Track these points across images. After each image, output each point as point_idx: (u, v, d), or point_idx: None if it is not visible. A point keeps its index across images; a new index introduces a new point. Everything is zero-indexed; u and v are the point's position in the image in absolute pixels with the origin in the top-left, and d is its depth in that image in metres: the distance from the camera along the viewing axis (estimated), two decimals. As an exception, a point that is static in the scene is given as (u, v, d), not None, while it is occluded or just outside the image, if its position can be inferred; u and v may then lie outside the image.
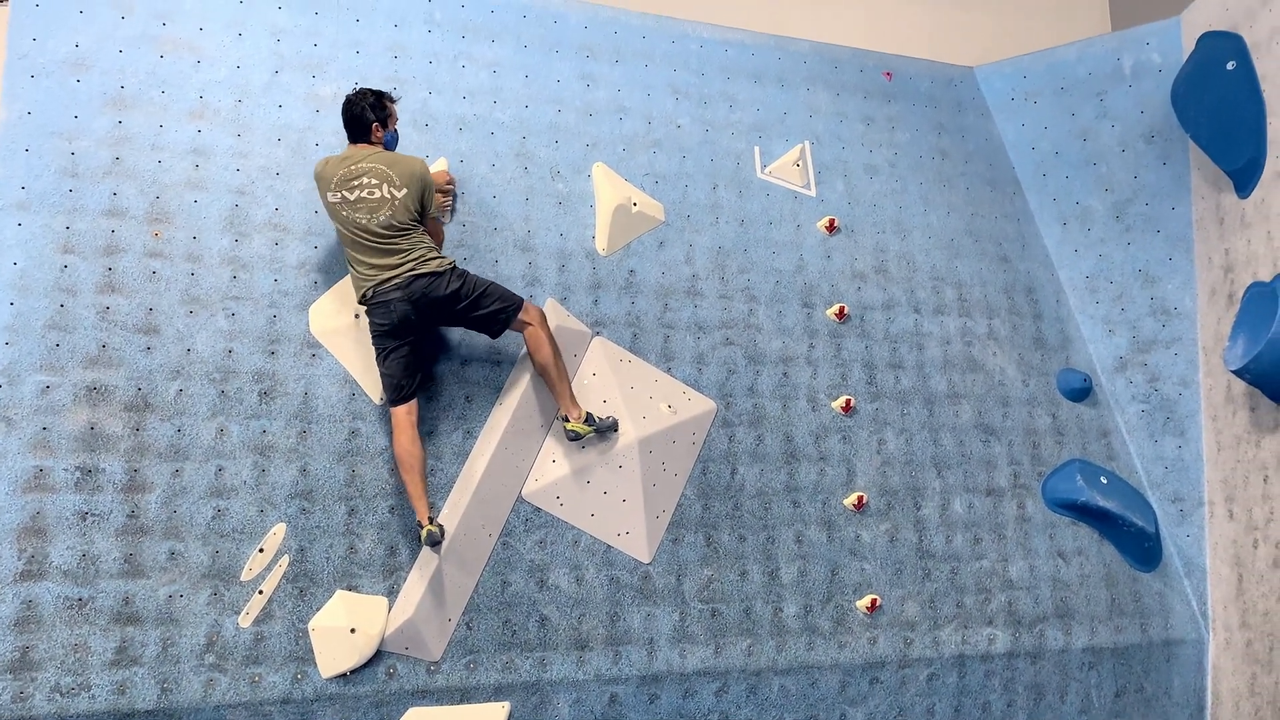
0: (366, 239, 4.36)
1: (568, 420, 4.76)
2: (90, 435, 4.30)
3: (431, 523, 4.38)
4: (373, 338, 4.48)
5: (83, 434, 4.29)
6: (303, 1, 5.26)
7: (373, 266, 4.38)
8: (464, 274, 4.52)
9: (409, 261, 4.38)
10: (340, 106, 4.60)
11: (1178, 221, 6.13)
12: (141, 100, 4.81)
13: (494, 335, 4.70)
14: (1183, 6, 6.23)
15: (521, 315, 4.61)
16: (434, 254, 4.46)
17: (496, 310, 4.55)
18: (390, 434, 4.55)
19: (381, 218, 4.34)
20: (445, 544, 4.53)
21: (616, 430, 4.94)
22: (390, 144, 4.59)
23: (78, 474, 4.24)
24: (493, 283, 4.62)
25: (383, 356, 4.47)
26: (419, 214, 4.47)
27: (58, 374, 4.32)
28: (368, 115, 4.47)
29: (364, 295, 4.43)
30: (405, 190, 4.39)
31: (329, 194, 4.40)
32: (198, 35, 5.00)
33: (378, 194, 4.34)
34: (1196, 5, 6.07)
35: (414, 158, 4.56)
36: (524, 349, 4.87)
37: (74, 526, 4.18)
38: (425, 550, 4.56)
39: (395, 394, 4.47)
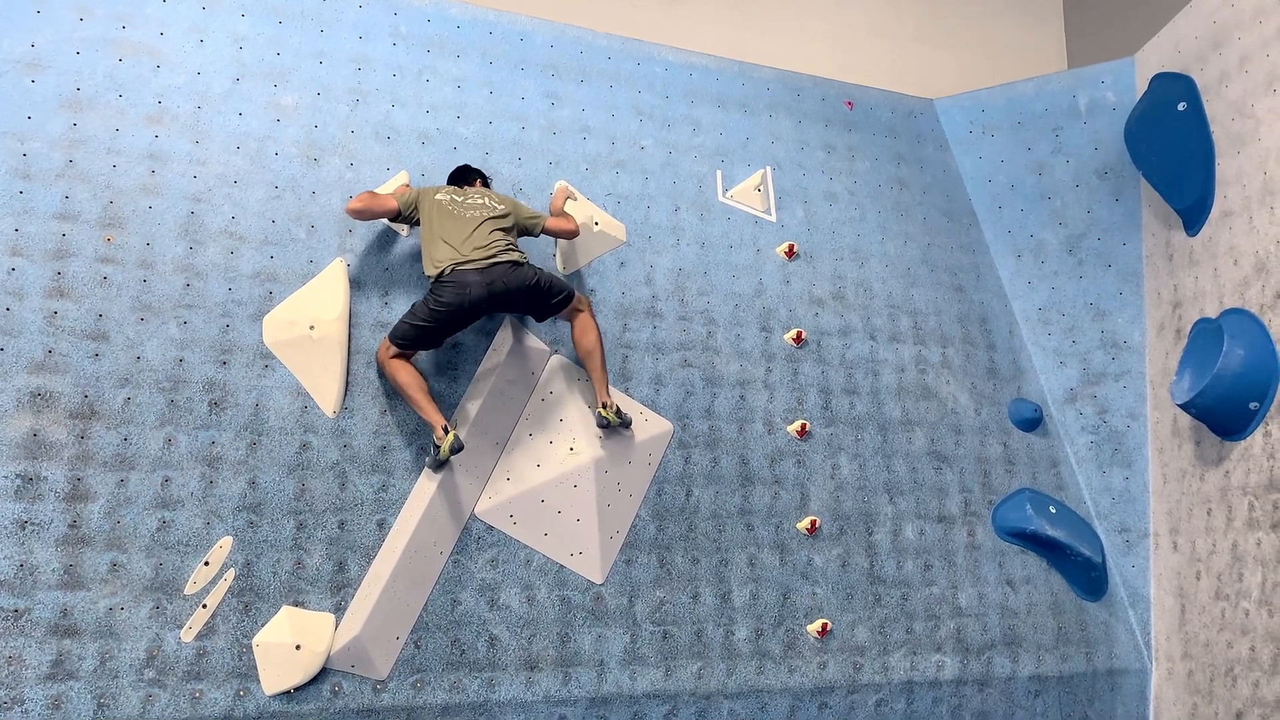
0: (465, 226, 4.78)
1: (605, 407, 4.96)
2: (32, 442, 4.20)
3: (448, 433, 4.55)
4: (428, 310, 4.69)
5: (24, 440, 4.18)
6: (267, 10, 5.22)
7: (459, 248, 4.74)
8: (537, 269, 4.91)
9: (493, 251, 4.76)
10: (301, 116, 5.05)
11: (1128, 257, 6.26)
12: (98, 103, 4.74)
13: (541, 319, 5.05)
14: (1137, 47, 6.38)
15: (574, 303, 5.00)
16: (517, 251, 4.87)
17: (560, 299, 4.94)
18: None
19: (484, 215, 4.85)
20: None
21: (629, 427, 5.11)
22: None
23: (18, 481, 4.13)
24: (553, 275, 4.99)
25: (424, 320, 4.67)
26: (516, 224, 4.98)
27: (0, 378, 4.22)
28: (474, 170, 5.19)
29: (442, 273, 4.71)
30: (502, 205, 4.96)
31: (438, 195, 4.88)
32: (158, 40, 4.94)
33: (481, 202, 4.92)
34: (1150, 46, 6.21)
35: None
36: (490, 350, 5.04)
37: (12, 535, 4.08)
38: (374, 568, 4.52)
39: (405, 344, 4.70)
